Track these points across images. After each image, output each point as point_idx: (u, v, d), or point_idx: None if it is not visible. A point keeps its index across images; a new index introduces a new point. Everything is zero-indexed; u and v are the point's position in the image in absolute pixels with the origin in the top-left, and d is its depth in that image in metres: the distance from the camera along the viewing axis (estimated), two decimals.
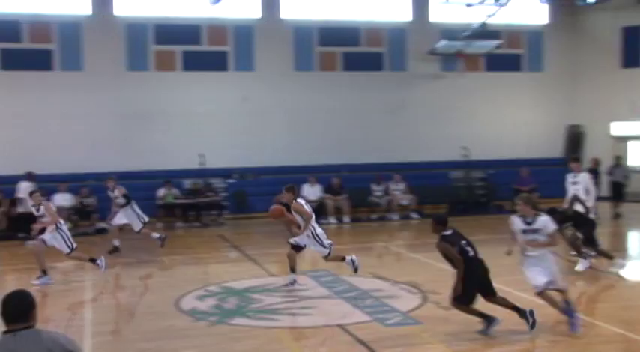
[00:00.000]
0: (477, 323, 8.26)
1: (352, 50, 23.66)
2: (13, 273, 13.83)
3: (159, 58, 22.10)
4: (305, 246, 11.14)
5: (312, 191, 20.41)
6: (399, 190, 21.10)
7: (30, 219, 17.82)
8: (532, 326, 8.20)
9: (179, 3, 22.04)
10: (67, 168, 19.94)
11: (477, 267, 8.24)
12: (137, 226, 15.18)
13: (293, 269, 11.19)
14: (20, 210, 18.03)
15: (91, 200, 19.61)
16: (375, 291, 10.65)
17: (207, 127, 21.98)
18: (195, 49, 22.40)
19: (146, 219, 15.42)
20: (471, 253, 8.25)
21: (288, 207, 11.37)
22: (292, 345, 8.55)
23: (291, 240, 11.21)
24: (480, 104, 24.30)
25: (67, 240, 12.36)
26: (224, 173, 21.52)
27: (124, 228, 15.64)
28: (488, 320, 8.25)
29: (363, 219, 20.70)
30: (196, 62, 22.30)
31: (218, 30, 22.47)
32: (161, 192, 20.25)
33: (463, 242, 8.32)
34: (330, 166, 21.96)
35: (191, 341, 8.52)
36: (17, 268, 14.25)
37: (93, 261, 12.69)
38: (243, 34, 22.66)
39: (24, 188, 17.70)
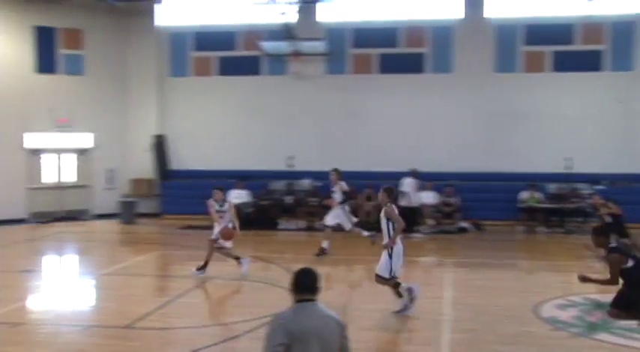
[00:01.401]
0: None
1: None
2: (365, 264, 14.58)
3: (528, 58, 21.69)
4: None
5: None
6: None
7: (409, 212, 18.88)
8: None
9: (551, 2, 21.37)
10: (431, 167, 20.53)
11: None
12: (347, 225, 15.08)
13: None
14: (402, 203, 19.04)
15: (454, 199, 20.03)
16: None
17: (576, 130, 21.00)
18: (567, 48, 21.49)
19: (354, 219, 15.23)
20: None
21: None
22: None
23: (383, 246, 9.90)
24: None
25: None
26: (592, 178, 20.24)
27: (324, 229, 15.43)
28: None
29: None
30: (568, 62, 21.40)
31: (593, 28, 21.24)
32: (524, 194, 19.84)
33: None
34: None
35: (549, 351, 8.14)
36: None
37: (237, 258, 12.84)
38: (621, 30, 21.15)
39: (407, 183, 19.05)
